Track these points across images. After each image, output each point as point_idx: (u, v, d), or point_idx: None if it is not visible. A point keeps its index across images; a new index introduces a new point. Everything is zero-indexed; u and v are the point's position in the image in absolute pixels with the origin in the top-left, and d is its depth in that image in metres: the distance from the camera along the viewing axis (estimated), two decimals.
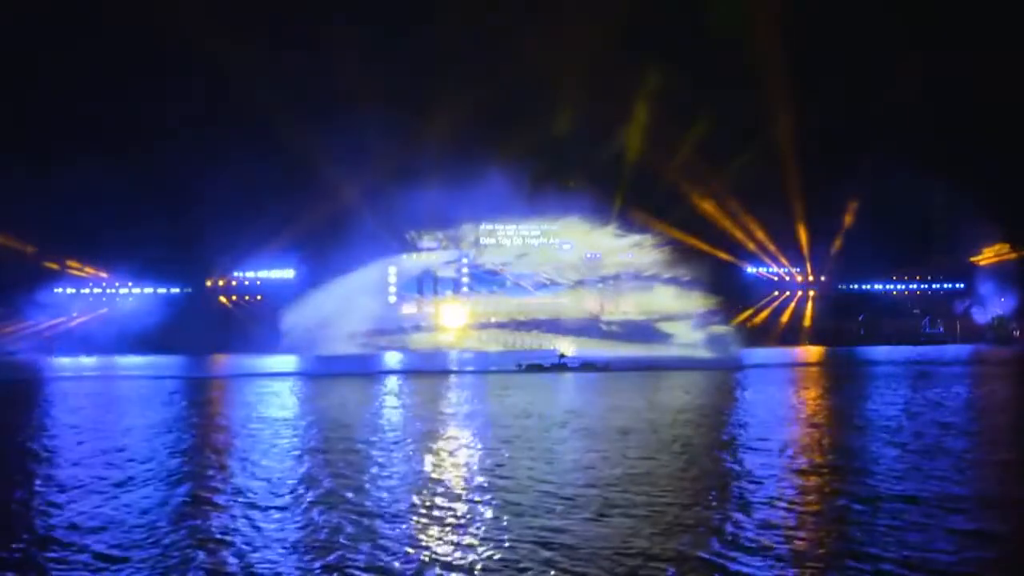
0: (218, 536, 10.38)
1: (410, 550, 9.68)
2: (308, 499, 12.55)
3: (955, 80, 77.35)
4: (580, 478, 13.85)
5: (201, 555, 9.57)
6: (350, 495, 12.66)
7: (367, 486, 13.42)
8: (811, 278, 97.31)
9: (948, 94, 79.42)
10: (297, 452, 17.39)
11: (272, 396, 31.92)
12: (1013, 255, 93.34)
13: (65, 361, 67.02)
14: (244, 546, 9.93)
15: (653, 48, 75.44)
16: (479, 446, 17.90)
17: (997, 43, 77.53)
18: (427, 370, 48.22)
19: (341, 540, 10.11)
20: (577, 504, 11.83)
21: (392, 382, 40.21)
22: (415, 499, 12.29)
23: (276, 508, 11.91)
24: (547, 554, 9.44)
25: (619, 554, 9.37)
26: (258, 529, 10.73)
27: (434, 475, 14.37)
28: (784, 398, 28.65)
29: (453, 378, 42.96)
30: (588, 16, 73.95)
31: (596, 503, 11.81)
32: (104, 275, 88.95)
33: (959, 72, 76.04)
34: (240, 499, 12.58)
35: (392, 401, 30.82)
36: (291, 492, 13.03)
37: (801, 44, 73.94)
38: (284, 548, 9.88)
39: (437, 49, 69.05)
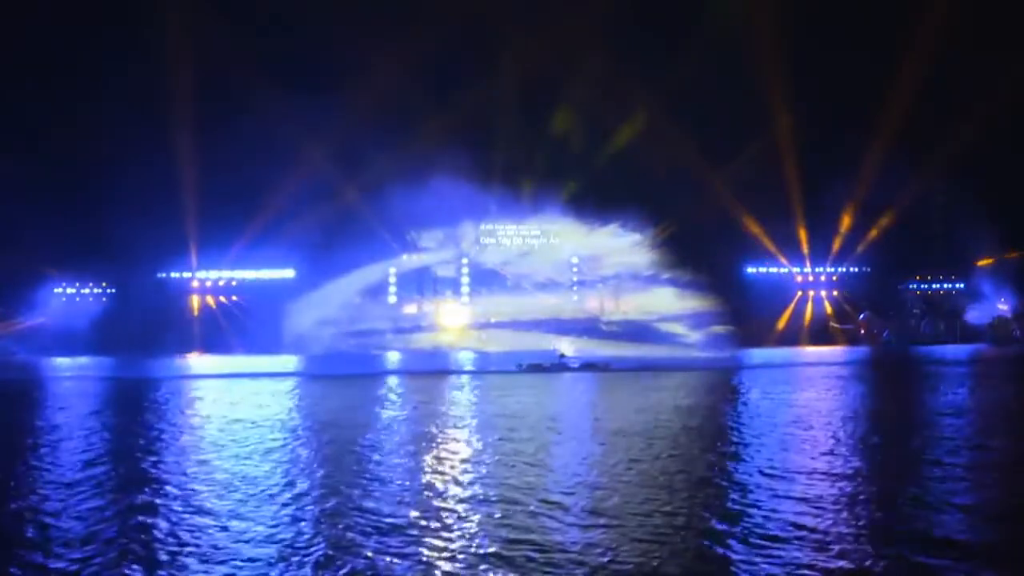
0: None
1: None
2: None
3: (960, 79, 77.38)
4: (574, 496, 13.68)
5: None
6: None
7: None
8: (815, 276, 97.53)
9: (951, 93, 79.32)
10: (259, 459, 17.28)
11: (257, 397, 31.82)
12: (1014, 255, 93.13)
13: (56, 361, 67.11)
14: None
15: (653, 47, 75.31)
16: (474, 467, 17.41)
17: (1002, 42, 77.38)
18: (426, 371, 48.06)
19: None
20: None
21: (389, 383, 40.10)
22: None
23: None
24: None
25: None
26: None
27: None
28: (783, 401, 28.54)
29: (452, 379, 42.88)
30: (588, 14, 73.84)
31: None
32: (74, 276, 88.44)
33: (965, 71, 76.16)
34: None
35: (386, 403, 30.69)
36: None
37: (803, 41, 73.81)
38: None
39: (434, 46, 68.76)
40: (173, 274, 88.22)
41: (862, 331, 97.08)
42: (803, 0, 73.93)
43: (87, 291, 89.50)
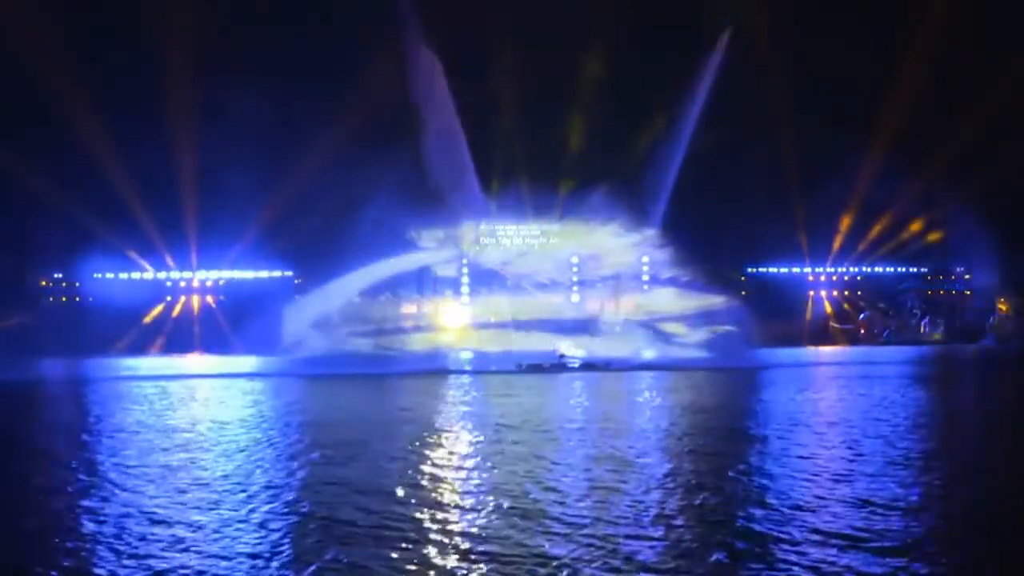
0: None
1: None
2: None
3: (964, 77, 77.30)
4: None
5: None
6: None
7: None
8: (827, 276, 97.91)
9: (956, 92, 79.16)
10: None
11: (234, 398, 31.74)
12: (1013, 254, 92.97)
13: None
14: None
15: (652, 47, 75.09)
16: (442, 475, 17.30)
17: (1001, 41, 77.27)
18: (424, 371, 47.95)
19: None
20: None
21: (385, 384, 40.02)
22: None
23: None
24: None
25: None
26: None
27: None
28: (795, 400, 28.48)
29: (451, 379, 42.85)
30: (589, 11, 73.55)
31: None
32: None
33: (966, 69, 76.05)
34: None
35: (372, 405, 30.60)
36: None
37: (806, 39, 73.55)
38: None
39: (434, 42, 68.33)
40: (165, 274, 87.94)
41: (862, 331, 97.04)
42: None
43: (70, 286, 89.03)
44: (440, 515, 11.57)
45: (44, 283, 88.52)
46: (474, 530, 10.70)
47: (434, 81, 60.12)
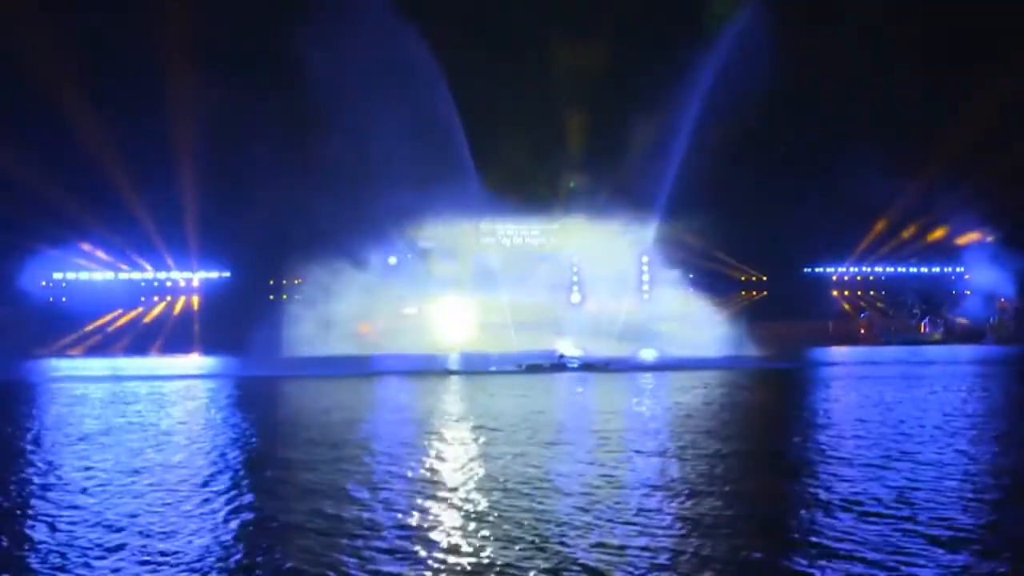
0: None
1: None
2: None
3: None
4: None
5: None
6: None
7: None
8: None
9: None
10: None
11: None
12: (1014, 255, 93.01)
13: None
14: None
15: (653, 48, 74.89)
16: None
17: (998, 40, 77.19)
18: (424, 370, 47.86)
19: None
20: None
21: (382, 384, 39.91)
22: None
23: None
24: None
25: None
26: None
27: None
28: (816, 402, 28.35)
29: (451, 379, 42.76)
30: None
31: None
32: None
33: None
34: None
35: (376, 407, 30.49)
36: None
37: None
38: None
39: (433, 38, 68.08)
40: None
41: (862, 331, 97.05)
42: None
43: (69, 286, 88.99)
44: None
45: (44, 283, 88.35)
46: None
47: None
